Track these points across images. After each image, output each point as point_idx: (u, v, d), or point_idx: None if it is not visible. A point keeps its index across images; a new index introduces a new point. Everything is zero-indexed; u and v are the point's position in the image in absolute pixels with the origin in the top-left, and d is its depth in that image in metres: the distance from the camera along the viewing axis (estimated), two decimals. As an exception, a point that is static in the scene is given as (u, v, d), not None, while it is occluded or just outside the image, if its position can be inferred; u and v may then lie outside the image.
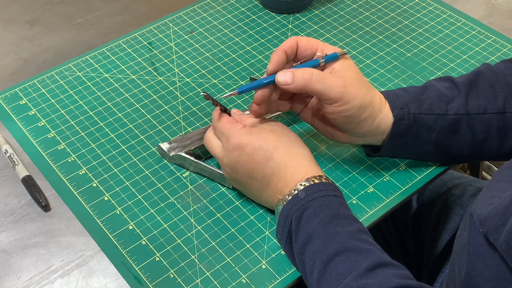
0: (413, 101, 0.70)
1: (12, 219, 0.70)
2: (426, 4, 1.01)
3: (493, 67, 0.73)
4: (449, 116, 0.69)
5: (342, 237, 0.60)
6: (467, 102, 0.70)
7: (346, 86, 0.66)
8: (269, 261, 0.66)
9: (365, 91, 0.67)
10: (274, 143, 0.66)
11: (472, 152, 0.73)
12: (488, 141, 0.71)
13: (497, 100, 0.70)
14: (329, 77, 0.66)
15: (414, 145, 0.72)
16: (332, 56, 0.68)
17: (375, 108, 0.68)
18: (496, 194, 0.54)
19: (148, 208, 0.71)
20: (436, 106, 0.70)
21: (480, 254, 0.52)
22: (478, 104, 0.70)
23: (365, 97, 0.67)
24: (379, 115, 0.69)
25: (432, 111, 0.69)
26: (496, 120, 0.70)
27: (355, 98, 0.66)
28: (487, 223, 0.51)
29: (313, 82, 0.65)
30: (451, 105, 0.70)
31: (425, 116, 0.69)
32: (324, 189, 0.63)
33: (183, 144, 0.75)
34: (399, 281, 0.55)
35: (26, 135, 0.79)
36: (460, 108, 0.70)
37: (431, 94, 0.71)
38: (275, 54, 0.68)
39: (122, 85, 0.86)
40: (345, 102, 0.66)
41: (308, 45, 0.69)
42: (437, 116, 0.69)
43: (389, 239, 0.96)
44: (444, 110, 0.70)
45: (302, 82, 0.65)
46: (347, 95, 0.66)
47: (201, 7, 1.00)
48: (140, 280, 0.64)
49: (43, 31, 0.96)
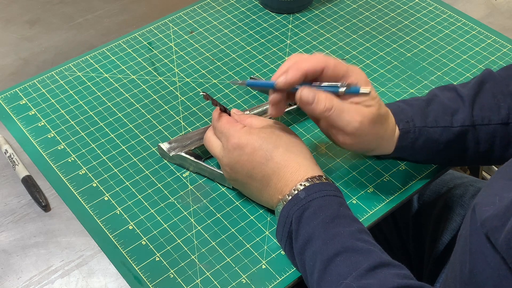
0: (418, 114, 0.70)
1: (12, 219, 0.70)
2: (426, 4, 1.01)
3: (495, 74, 0.74)
4: (455, 128, 0.70)
5: (343, 237, 0.60)
6: (472, 113, 0.70)
7: (363, 122, 0.64)
8: (269, 261, 0.66)
9: (379, 126, 0.66)
10: (274, 143, 0.66)
11: (475, 161, 0.74)
12: (491, 151, 0.72)
13: (500, 111, 0.70)
14: (347, 111, 0.64)
15: (419, 156, 0.73)
16: (354, 91, 0.65)
17: (384, 139, 0.68)
18: (497, 193, 0.54)
19: (148, 208, 0.71)
20: (441, 119, 0.70)
21: (482, 253, 0.52)
22: (482, 116, 0.70)
23: (378, 132, 0.66)
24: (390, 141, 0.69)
25: (437, 124, 0.70)
26: (500, 131, 0.70)
27: (367, 135, 0.65)
28: (488, 223, 0.51)
29: (331, 113, 0.64)
30: (456, 117, 0.70)
31: (430, 129, 0.69)
32: (324, 189, 0.63)
33: (183, 144, 0.75)
34: (400, 281, 0.55)
35: (26, 135, 0.79)
36: (466, 120, 0.70)
37: (435, 107, 0.71)
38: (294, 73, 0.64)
39: (122, 85, 0.86)
40: (356, 137, 0.65)
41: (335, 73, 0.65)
42: (443, 128, 0.70)
43: (389, 239, 0.96)
44: (450, 123, 0.70)
45: (322, 108, 0.63)
46: (360, 132, 0.65)
47: (201, 7, 0.99)
48: (140, 280, 0.64)
49: (43, 31, 0.96)
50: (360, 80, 0.65)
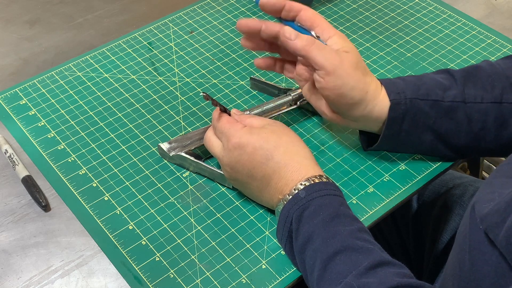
0: (409, 87, 0.70)
1: (12, 219, 0.70)
2: (426, 4, 1.01)
3: (492, 62, 0.74)
4: (446, 102, 0.70)
5: (343, 236, 0.60)
6: (464, 91, 0.71)
7: (342, 62, 0.67)
8: (269, 261, 0.66)
9: (360, 75, 0.68)
10: (274, 143, 0.66)
11: (469, 142, 0.73)
12: (484, 130, 0.71)
13: (494, 90, 0.70)
14: (328, 49, 0.67)
15: (411, 132, 0.72)
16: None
17: (368, 93, 0.69)
18: (496, 190, 0.54)
19: (148, 208, 0.71)
20: (432, 92, 0.70)
21: (480, 250, 0.52)
22: (475, 94, 0.70)
23: (359, 79, 0.68)
24: (374, 101, 0.69)
25: (428, 97, 0.70)
26: (493, 110, 0.70)
27: (347, 77, 0.67)
28: (487, 220, 0.51)
29: (313, 48, 0.66)
30: (448, 92, 0.71)
31: (421, 101, 0.70)
32: (324, 189, 0.64)
33: (183, 144, 0.75)
34: (400, 279, 0.55)
35: (26, 135, 0.79)
36: (457, 96, 0.70)
37: (427, 81, 0.71)
38: None
39: (122, 85, 0.86)
40: (337, 77, 0.66)
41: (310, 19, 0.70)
42: (433, 102, 0.70)
43: (389, 239, 0.96)
44: (441, 97, 0.70)
45: (303, 43, 0.67)
46: (340, 71, 0.66)
47: (201, 7, 1.00)
48: (140, 280, 0.64)
49: (43, 31, 0.96)
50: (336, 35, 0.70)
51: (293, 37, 0.67)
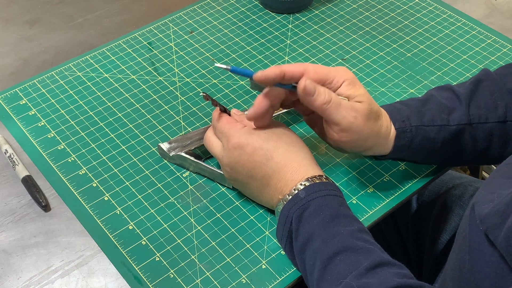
0: (414, 114, 0.70)
1: (12, 219, 0.70)
2: (426, 4, 1.01)
3: (492, 74, 0.74)
4: (452, 127, 0.70)
5: (343, 236, 0.60)
6: (469, 112, 0.70)
7: (357, 117, 0.64)
8: (269, 261, 0.66)
9: (373, 123, 0.66)
10: (274, 143, 0.66)
11: (474, 159, 0.74)
12: (489, 149, 0.72)
13: (498, 109, 0.70)
14: (343, 105, 0.64)
15: (417, 156, 0.72)
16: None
17: (380, 137, 0.68)
18: (496, 191, 0.54)
19: (148, 208, 0.71)
20: (438, 117, 0.70)
21: (480, 251, 0.52)
22: (479, 114, 0.70)
23: (372, 129, 0.66)
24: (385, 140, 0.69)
25: (434, 123, 0.69)
26: (498, 129, 0.70)
27: (362, 131, 0.65)
28: (487, 221, 0.51)
29: (330, 106, 0.64)
30: (453, 115, 0.70)
31: (427, 127, 0.69)
32: (324, 189, 0.64)
33: (183, 144, 0.75)
34: (400, 280, 0.55)
35: (26, 135, 0.79)
36: (462, 119, 0.70)
37: (432, 106, 0.71)
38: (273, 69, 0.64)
39: (122, 85, 0.86)
40: (352, 133, 0.65)
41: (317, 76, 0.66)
42: (439, 127, 0.69)
43: (389, 239, 0.96)
44: (446, 121, 0.70)
45: (322, 100, 0.64)
46: (355, 127, 0.65)
47: (201, 7, 1.00)
48: (140, 280, 0.64)
49: (43, 31, 0.96)
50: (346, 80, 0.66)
51: (313, 92, 0.64)
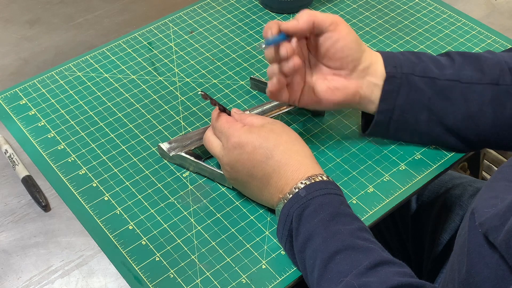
0: (407, 63, 0.71)
1: (12, 219, 0.70)
2: (426, 4, 1.01)
3: (495, 52, 0.75)
4: (441, 80, 0.71)
5: (343, 235, 0.60)
6: (461, 71, 0.71)
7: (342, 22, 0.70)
8: (269, 261, 0.66)
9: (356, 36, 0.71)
10: (274, 142, 0.66)
11: (466, 125, 0.73)
12: (481, 112, 0.71)
13: (492, 72, 0.71)
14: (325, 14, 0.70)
15: (406, 110, 0.72)
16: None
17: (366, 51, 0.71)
18: (498, 194, 0.54)
19: (148, 208, 0.71)
20: (429, 70, 0.71)
21: (480, 253, 0.52)
22: (471, 75, 0.71)
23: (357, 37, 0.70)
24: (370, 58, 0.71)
25: (425, 74, 0.71)
26: (490, 91, 0.71)
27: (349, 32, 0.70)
28: (487, 223, 0.51)
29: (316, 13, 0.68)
30: (444, 71, 0.71)
31: (417, 77, 0.71)
32: (324, 188, 0.64)
33: (183, 144, 0.75)
34: (400, 279, 0.55)
35: (26, 135, 0.79)
36: (453, 75, 0.71)
37: (426, 59, 0.72)
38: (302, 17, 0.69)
39: (122, 85, 0.86)
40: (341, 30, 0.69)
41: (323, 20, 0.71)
42: (429, 79, 0.71)
43: (388, 239, 0.96)
44: (437, 75, 0.71)
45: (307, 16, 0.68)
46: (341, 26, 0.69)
47: (201, 7, 1.00)
48: (140, 280, 0.64)
49: (43, 31, 0.96)
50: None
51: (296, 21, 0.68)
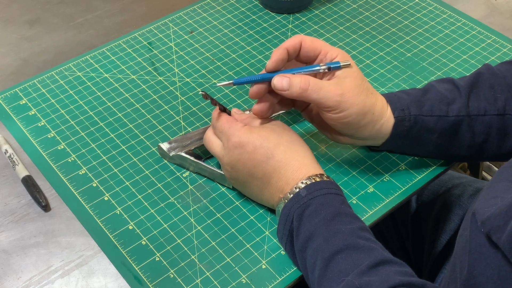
0: (414, 103, 0.70)
1: (12, 219, 0.70)
2: (426, 4, 1.01)
3: (493, 68, 0.74)
4: (450, 117, 0.70)
5: (344, 235, 0.60)
6: (468, 104, 0.70)
7: (343, 94, 0.65)
8: (269, 261, 0.66)
9: (365, 98, 0.67)
10: (275, 142, 0.66)
11: (472, 153, 0.73)
12: (487, 142, 0.71)
13: (497, 102, 0.70)
14: (326, 86, 0.65)
15: (414, 145, 0.72)
16: (335, 66, 0.67)
17: (375, 114, 0.68)
18: (498, 195, 0.54)
19: (148, 208, 0.71)
20: (437, 108, 0.70)
21: (482, 253, 0.52)
22: (478, 106, 0.70)
23: (364, 104, 0.66)
24: (381, 120, 0.69)
25: (433, 113, 0.70)
26: (496, 122, 0.70)
27: (352, 106, 0.66)
28: (489, 223, 0.51)
29: (309, 92, 0.65)
30: (452, 106, 0.70)
31: (426, 117, 0.70)
32: (325, 187, 0.64)
33: (183, 144, 0.75)
34: (401, 278, 0.55)
35: (26, 135, 0.79)
36: (461, 110, 0.70)
37: (432, 96, 0.71)
38: (277, 52, 0.67)
39: (122, 85, 0.86)
40: (342, 110, 0.66)
41: (312, 47, 0.68)
42: (438, 117, 0.70)
43: (388, 239, 0.96)
44: (445, 112, 0.70)
45: (298, 90, 0.65)
46: (343, 104, 0.65)
47: (201, 7, 0.99)
48: (140, 280, 0.64)
49: (43, 31, 0.96)
50: (339, 53, 0.68)
51: (285, 87, 0.65)
